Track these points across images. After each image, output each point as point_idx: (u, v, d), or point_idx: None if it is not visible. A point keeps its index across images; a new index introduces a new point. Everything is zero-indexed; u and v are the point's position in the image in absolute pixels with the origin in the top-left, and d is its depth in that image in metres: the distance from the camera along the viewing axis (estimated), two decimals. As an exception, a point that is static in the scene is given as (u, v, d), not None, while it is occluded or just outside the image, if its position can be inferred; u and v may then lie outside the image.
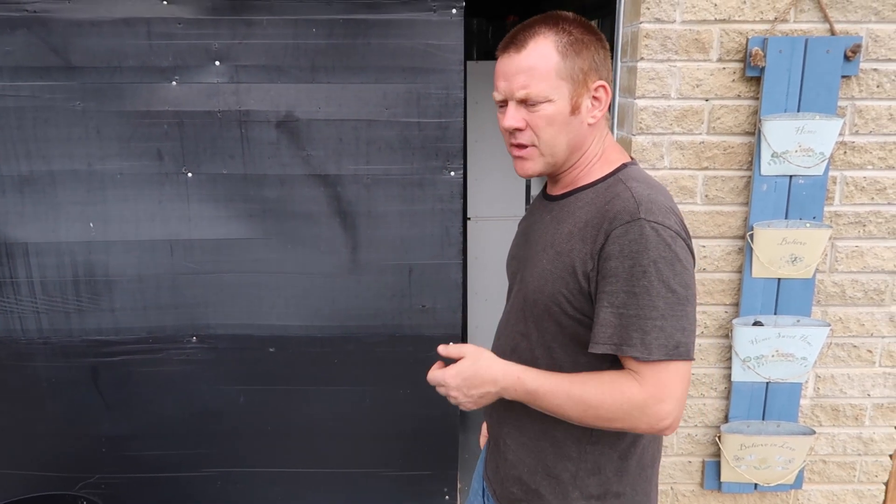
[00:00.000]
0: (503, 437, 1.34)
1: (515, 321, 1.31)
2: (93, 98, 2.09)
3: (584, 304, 1.17)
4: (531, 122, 1.18)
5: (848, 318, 2.12)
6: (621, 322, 1.10)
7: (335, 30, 2.05)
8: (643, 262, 1.08)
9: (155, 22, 2.04)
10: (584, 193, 1.23)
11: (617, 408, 1.11)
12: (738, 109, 1.98)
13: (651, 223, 1.10)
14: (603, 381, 1.14)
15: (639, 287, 1.09)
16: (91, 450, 2.37)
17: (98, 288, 2.23)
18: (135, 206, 2.17)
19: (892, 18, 1.91)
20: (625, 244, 1.10)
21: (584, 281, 1.15)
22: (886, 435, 2.22)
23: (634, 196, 1.14)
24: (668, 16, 1.91)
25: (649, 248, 1.08)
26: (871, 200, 2.03)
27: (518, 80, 1.16)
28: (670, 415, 1.11)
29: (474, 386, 1.20)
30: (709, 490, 2.27)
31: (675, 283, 1.09)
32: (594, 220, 1.16)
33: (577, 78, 1.17)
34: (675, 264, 1.10)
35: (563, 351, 1.22)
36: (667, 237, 1.10)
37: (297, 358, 2.30)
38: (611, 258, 1.11)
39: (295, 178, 2.16)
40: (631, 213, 1.11)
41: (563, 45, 1.16)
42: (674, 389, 1.11)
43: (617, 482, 1.26)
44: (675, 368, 1.10)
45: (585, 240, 1.16)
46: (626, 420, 1.12)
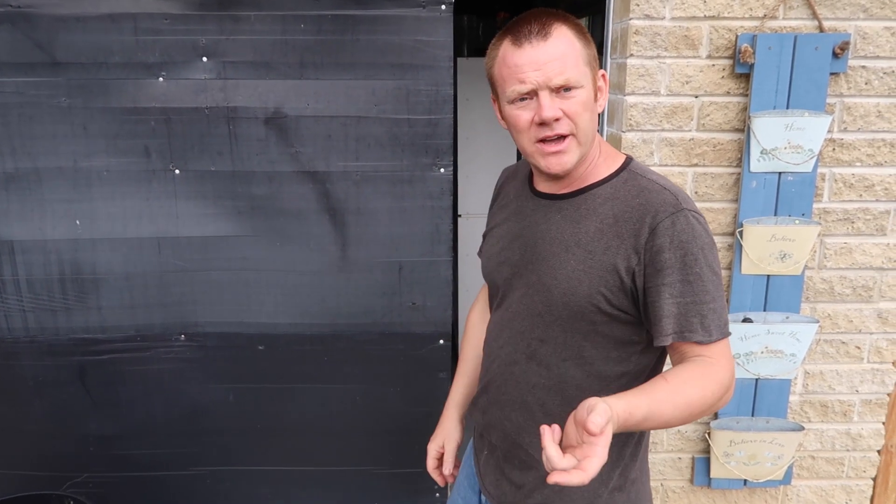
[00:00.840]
0: (524, 447, 1.31)
1: (529, 328, 1.27)
2: (78, 94, 2.06)
3: (622, 301, 1.17)
4: (568, 110, 1.15)
5: (836, 315, 2.13)
6: (680, 311, 1.13)
7: (324, 25, 2.04)
8: (694, 251, 1.12)
9: (141, 17, 2.02)
10: (601, 189, 1.22)
11: (715, 397, 1.11)
12: (728, 106, 1.98)
13: (691, 212, 1.14)
14: (694, 377, 1.10)
15: (692, 275, 1.12)
16: (78, 449, 2.35)
17: (85, 286, 2.21)
18: (122, 203, 2.15)
19: (880, 15, 1.92)
20: (675, 235, 1.12)
21: (628, 277, 1.16)
22: (874, 430, 2.23)
23: (666, 188, 1.17)
24: (657, 12, 1.91)
25: (696, 237, 1.12)
26: (859, 197, 2.04)
27: (553, 67, 1.13)
28: (732, 388, 1.15)
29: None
30: (698, 486, 2.27)
31: (716, 266, 1.15)
32: (626, 214, 1.17)
33: (593, 66, 1.19)
34: (713, 248, 1.15)
35: (595, 349, 1.21)
36: (704, 224, 1.15)
37: (287, 356, 2.29)
38: (663, 250, 1.12)
39: (283, 174, 2.15)
40: (673, 204, 1.14)
41: (578, 34, 1.17)
42: (732, 364, 1.16)
43: (632, 468, 1.28)
44: (726, 343, 1.16)
45: (622, 235, 1.16)
46: (717, 404, 1.13)
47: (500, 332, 1.35)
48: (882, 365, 2.17)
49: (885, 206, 2.04)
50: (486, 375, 1.39)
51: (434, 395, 2.31)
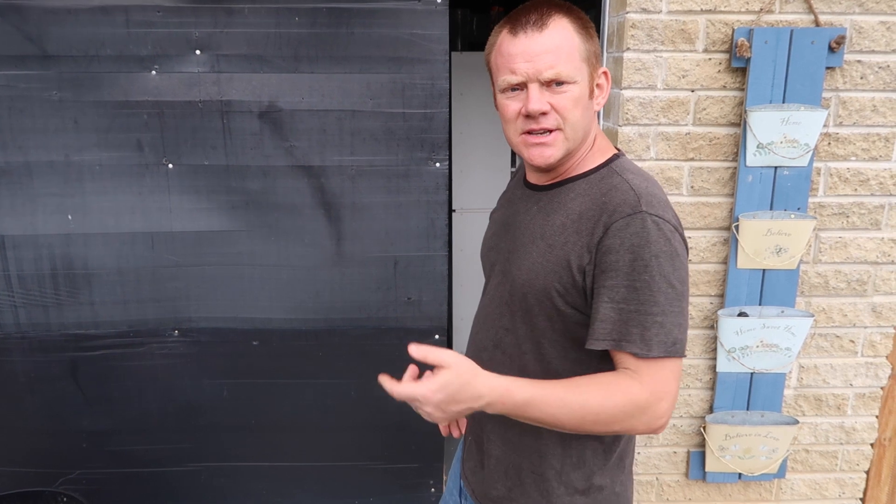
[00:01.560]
0: (486, 433, 1.32)
1: (498, 315, 1.27)
2: (70, 88, 2.04)
3: (577, 299, 1.14)
4: (557, 105, 1.13)
5: (831, 309, 2.14)
6: (621, 317, 1.07)
7: (318, 18, 2.02)
8: (645, 257, 1.06)
9: (133, 10, 2.00)
10: (577, 184, 1.20)
11: (619, 410, 1.06)
12: (724, 100, 1.98)
13: (652, 216, 1.08)
14: (601, 383, 1.08)
15: (640, 282, 1.06)
16: (71, 445, 2.33)
17: (77, 281, 2.19)
18: (114, 197, 2.13)
19: (876, 10, 1.92)
20: (626, 237, 1.07)
21: (579, 275, 1.12)
22: (868, 424, 2.24)
23: (634, 188, 1.12)
24: (654, 6, 1.91)
25: (651, 242, 1.06)
26: (854, 192, 2.04)
27: (545, 59, 1.11)
28: (666, 413, 1.08)
29: (456, 402, 1.04)
30: (693, 480, 2.28)
31: (674, 279, 1.07)
32: (589, 211, 1.13)
33: (591, 62, 1.16)
34: (674, 259, 1.08)
35: (552, 346, 1.19)
36: (667, 231, 1.08)
37: (281, 351, 2.28)
38: (611, 252, 1.08)
39: (278, 169, 2.13)
40: (632, 205, 1.09)
41: (579, 27, 1.14)
42: (670, 387, 1.08)
43: (599, 475, 1.25)
44: (671, 365, 1.08)
45: (581, 232, 1.13)
46: (626, 422, 1.07)
47: (479, 318, 1.36)
48: (876, 359, 2.18)
49: (880, 200, 2.05)
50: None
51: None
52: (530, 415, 1.07)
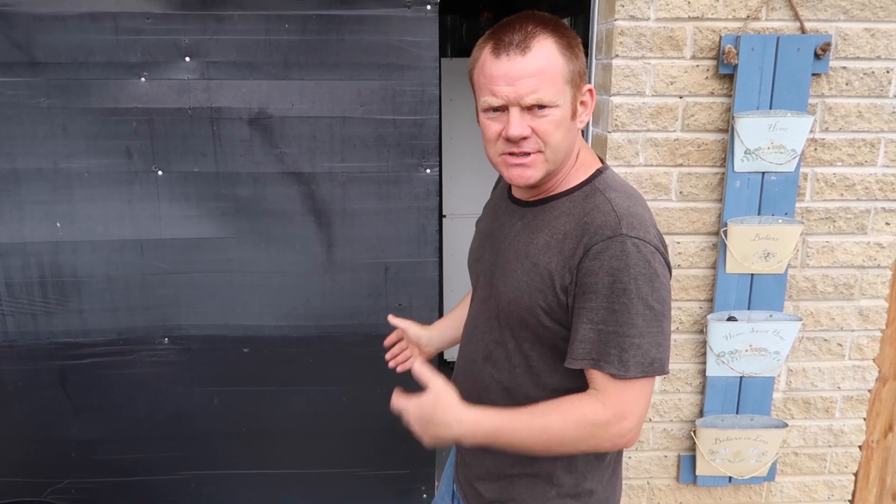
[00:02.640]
0: None
1: (488, 329, 1.28)
2: (58, 95, 2.03)
3: (562, 316, 1.16)
4: (538, 129, 1.11)
5: (819, 313, 2.15)
6: (600, 338, 1.09)
7: (308, 25, 2.03)
8: (624, 280, 1.07)
9: (122, 17, 1.99)
10: (560, 202, 1.20)
11: (580, 431, 1.10)
12: (712, 107, 1.99)
13: (632, 239, 1.08)
14: (563, 407, 1.12)
15: (618, 304, 1.07)
16: (60, 454, 2.31)
17: (66, 289, 2.17)
18: (103, 205, 2.12)
19: (860, 17, 1.94)
20: (605, 260, 1.08)
21: (563, 294, 1.14)
22: (856, 426, 2.26)
23: (615, 209, 1.12)
24: (642, 13, 1.92)
25: (630, 266, 1.07)
26: (840, 196, 2.07)
27: (527, 84, 1.09)
28: (631, 431, 1.11)
29: (431, 423, 1.15)
30: (684, 484, 2.29)
31: (653, 300, 1.08)
32: (573, 232, 1.14)
33: (576, 82, 1.14)
34: (654, 280, 1.09)
35: (541, 360, 1.21)
36: (647, 253, 1.09)
37: (272, 358, 2.27)
38: (590, 273, 1.09)
39: (268, 175, 2.13)
40: (612, 228, 1.09)
41: (564, 47, 1.11)
42: (637, 406, 1.11)
43: (590, 479, 1.26)
44: (641, 385, 1.10)
45: (563, 252, 1.14)
46: (589, 441, 1.11)
47: (468, 330, 1.37)
48: (863, 362, 2.20)
49: (866, 205, 2.07)
50: (456, 369, 1.42)
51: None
52: (501, 442, 1.14)
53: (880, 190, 2.06)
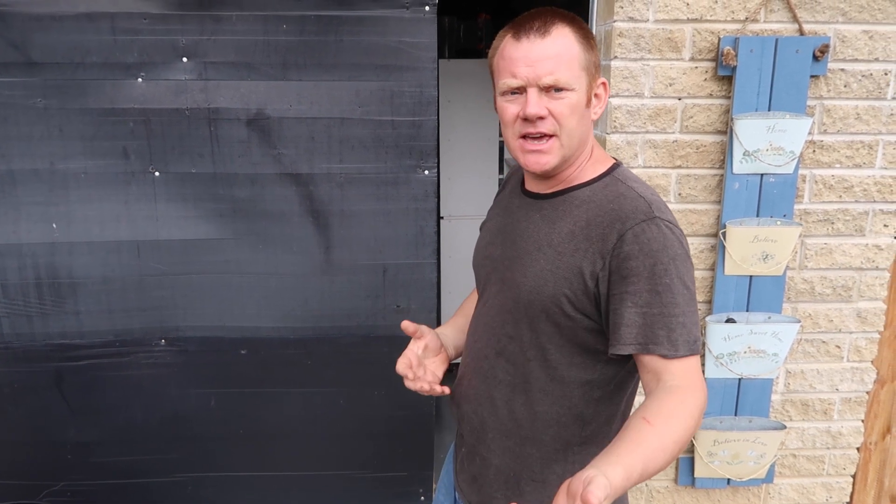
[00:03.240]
0: (486, 443, 1.31)
1: (500, 324, 1.27)
2: (55, 95, 2.02)
3: (586, 305, 1.15)
4: (554, 111, 1.14)
5: (817, 315, 2.15)
6: (646, 321, 1.09)
7: (307, 26, 2.02)
8: (664, 261, 1.09)
9: (119, 17, 1.98)
10: (580, 192, 1.21)
11: (695, 423, 1.05)
12: (711, 108, 1.99)
13: (665, 221, 1.11)
14: (672, 410, 1.04)
15: (661, 286, 1.09)
16: (55, 457, 2.30)
17: (62, 290, 2.16)
18: (99, 206, 2.11)
19: (859, 19, 1.94)
20: (644, 242, 1.09)
21: (592, 281, 1.14)
22: (854, 428, 2.26)
23: (642, 196, 1.15)
24: (641, 15, 1.92)
25: (668, 247, 1.09)
26: (838, 198, 2.07)
27: (545, 65, 1.12)
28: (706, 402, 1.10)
29: None
30: (683, 486, 2.29)
31: (689, 280, 1.11)
32: (598, 218, 1.15)
33: (591, 71, 1.17)
34: (686, 261, 1.12)
35: (558, 352, 1.20)
36: (679, 235, 1.12)
37: (270, 360, 2.26)
38: (630, 258, 1.10)
39: (266, 177, 2.12)
40: (645, 212, 1.12)
41: (581, 37, 1.16)
42: (703, 380, 1.11)
43: None
44: (696, 362, 1.11)
45: (591, 239, 1.14)
46: (697, 427, 1.07)
47: (477, 327, 1.36)
48: (861, 363, 2.20)
49: (864, 206, 2.07)
50: (462, 368, 1.41)
51: (418, 398, 2.30)
52: (635, 481, 1.00)
53: (878, 192, 2.06)
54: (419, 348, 1.35)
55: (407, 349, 1.34)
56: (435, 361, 1.39)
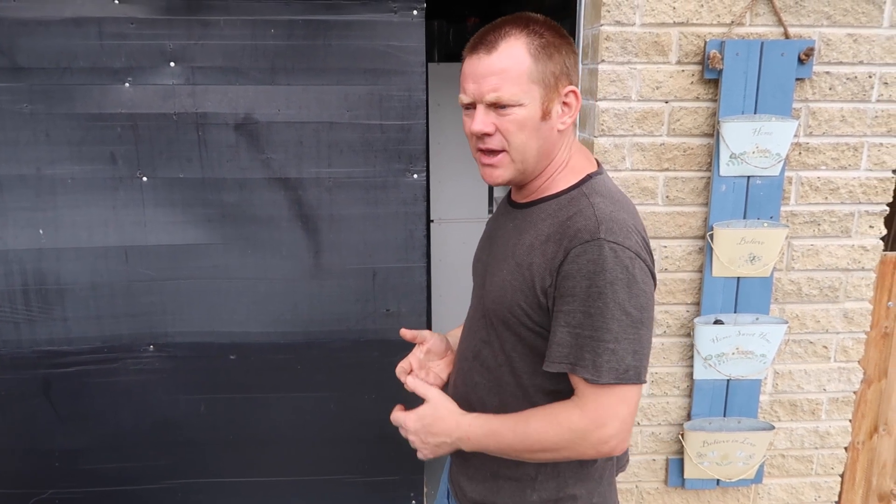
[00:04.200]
0: None
1: (478, 327, 1.29)
2: (41, 100, 2.01)
3: (542, 318, 1.16)
4: (501, 127, 1.14)
5: (804, 315, 2.17)
6: (576, 342, 1.10)
7: (295, 31, 2.02)
8: (599, 284, 1.07)
9: (106, 21, 1.98)
10: (548, 205, 1.21)
11: (559, 438, 1.12)
12: (697, 111, 2.01)
13: (610, 244, 1.08)
14: (544, 414, 1.15)
15: (594, 308, 1.08)
16: (43, 464, 2.28)
17: (49, 297, 2.15)
18: (87, 211, 2.10)
19: (843, 22, 1.96)
20: (583, 264, 1.09)
21: (542, 296, 1.14)
22: (841, 428, 2.28)
23: (596, 214, 1.12)
24: (627, 18, 1.93)
25: (606, 270, 1.07)
26: (824, 200, 2.08)
27: (489, 82, 1.12)
28: (613, 437, 1.11)
29: (431, 434, 1.21)
30: (672, 487, 2.29)
31: (631, 306, 1.08)
32: (555, 235, 1.14)
33: (548, 82, 1.14)
34: (632, 286, 1.09)
35: (522, 361, 1.21)
36: (625, 259, 1.09)
37: (259, 365, 2.25)
38: (568, 277, 1.10)
39: (255, 181, 2.12)
40: (591, 232, 1.10)
41: (535, 48, 1.13)
42: (617, 412, 1.10)
43: (574, 485, 1.26)
44: (620, 392, 1.10)
45: (546, 254, 1.14)
46: (570, 448, 1.13)
47: (464, 328, 1.38)
48: (848, 364, 2.22)
49: (850, 208, 2.09)
50: (453, 367, 1.43)
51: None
52: (492, 447, 1.18)
53: (864, 193, 2.08)
54: (421, 353, 1.40)
55: (410, 354, 1.40)
56: (440, 364, 1.43)
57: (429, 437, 1.21)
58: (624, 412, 1.11)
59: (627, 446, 1.18)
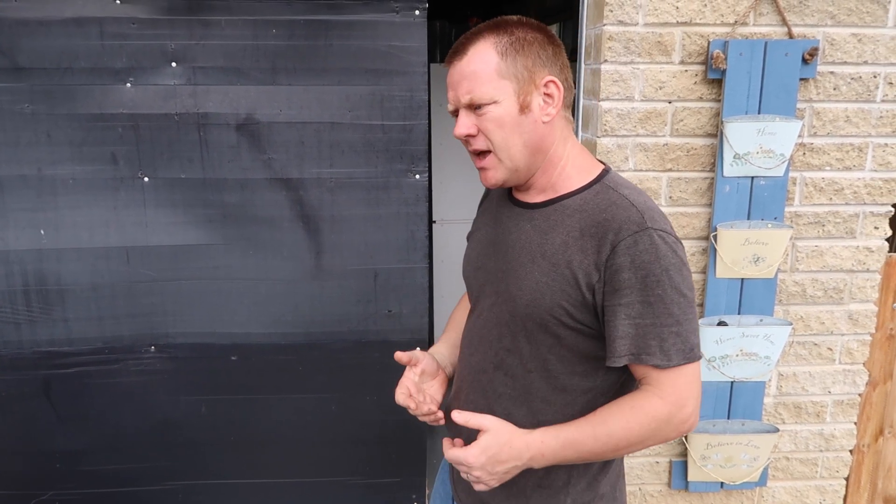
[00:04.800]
0: None
1: (497, 337, 1.26)
2: (42, 101, 2.01)
3: (585, 315, 1.15)
4: (481, 127, 1.17)
5: (809, 317, 2.15)
6: (638, 332, 1.11)
7: (296, 31, 2.01)
8: (656, 272, 1.09)
9: (107, 22, 1.97)
10: (571, 201, 1.19)
11: (645, 429, 1.12)
12: (701, 111, 1.99)
13: (658, 231, 1.11)
14: (623, 409, 1.14)
15: (653, 296, 1.09)
16: (44, 465, 2.28)
17: (50, 297, 2.14)
18: (88, 212, 2.10)
19: (847, 22, 1.95)
20: (636, 255, 1.09)
21: (589, 292, 1.13)
22: (847, 431, 2.26)
23: (634, 205, 1.13)
24: (630, 18, 1.92)
25: (660, 258, 1.09)
26: (829, 201, 2.07)
27: (462, 86, 1.16)
28: (692, 415, 1.14)
29: (500, 462, 1.13)
30: (676, 490, 2.28)
31: (685, 288, 1.11)
32: (591, 229, 1.14)
33: (521, 76, 1.15)
34: (682, 269, 1.12)
35: (560, 363, 1.19)
36: (672, 244, 1.12)
37: (260, 366, 2.25)
38: (622, 270, 1.10)
39: (256, 182, 2.11)
40: (637, 222, 1.11)
41: (503, 46, 1.15)
42: (692, 390, 1.13)
43: (603, 483, 1.27)
44: (691, 370, 1.13)
45: (586, 250, 1.13)
46: (656, 436, 1.13)
47: (472, 340, 1.34)
48: (853, 366, 2.20)
49: (854, 209, 2.07)
50: (458, 381, 1.39)
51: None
52: (569, 457, 1.15)
53: (868, 194, 2.06)
54: (415, 375, 1.35)
55: (403, 378, 1.34)
56: (433, 385, 1.39)
57: (497, 466, 1.13)
58: (697, 389, 1.14)
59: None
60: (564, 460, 1.16)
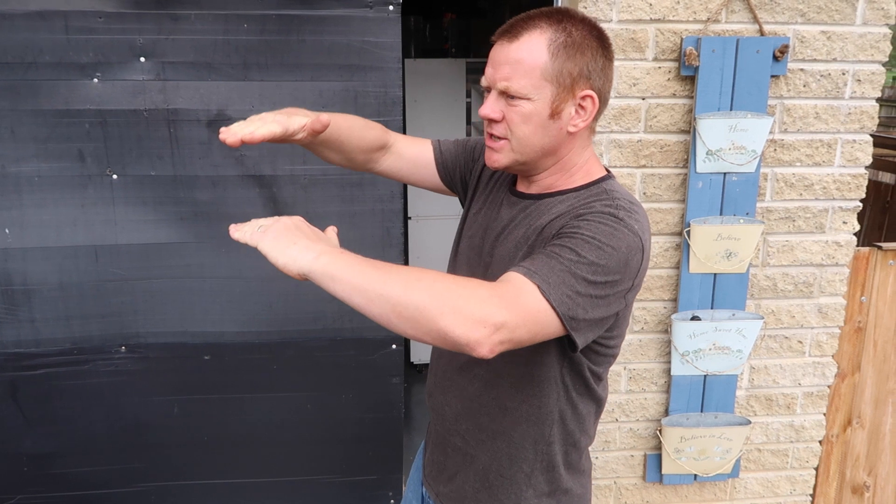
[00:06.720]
0: (460, 433, 1.30)
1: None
2: (6, 96, 1.96)
3: None
4: (507, 116, 1.14)
5: (780, 311, 2.19)
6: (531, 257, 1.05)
7: (268, 25, 1.98)
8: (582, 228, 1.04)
9: (73, 15, 1.92)
10: (566, 196, 1.19)
11: (447, 288, 0.97)
12: (674, 108, 2.01)
13: (619, 219, 1.06)
14: (419, 269, 1.03)
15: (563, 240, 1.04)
16: (11, 469, 2.23)
17: (16, 298, 2.09)
18: (55, 210, 2.05)
19: (817, 20, 1.97)
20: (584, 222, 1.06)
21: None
22: (816, 422, 2.30)
23: (614, 200, 1.12)
24: (604, 15, 1.93)
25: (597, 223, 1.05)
26: (799, 196, 2.10)
27: (502, 70, 1.12)
28: (504, 326, 0.94)
29: (299, 229, 1.07)
30: (650, 483, 2.30)
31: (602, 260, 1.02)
32: (568, 213, 1.13)
33: (563, 82, 1.11)
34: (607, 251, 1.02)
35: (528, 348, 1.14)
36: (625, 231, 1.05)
37: (234, 365, 2.22)
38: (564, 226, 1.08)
39: (228, 179, 2.08)
40: (606, 206, 1.09)
41: (557, 45, 1.10)
42: (517, 310, 0.96)
43: (566, 478, 1.27)
44: (533, 297, 0.98)
45: (555, 227, 1.12)
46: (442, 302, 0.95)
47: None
48: (822, 358, 2.24)
49: (824, 204, 2.11)
50: (435, 360, 1.39)
51: (387, 401, 2.28)
52: (344, 268, 1.04)
53: (837, 189, 2.09)
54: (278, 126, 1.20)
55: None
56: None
57: (294, 231, 1.07)
58: (522, 316, 0.98)
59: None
60: (338, 275, 1.03)
